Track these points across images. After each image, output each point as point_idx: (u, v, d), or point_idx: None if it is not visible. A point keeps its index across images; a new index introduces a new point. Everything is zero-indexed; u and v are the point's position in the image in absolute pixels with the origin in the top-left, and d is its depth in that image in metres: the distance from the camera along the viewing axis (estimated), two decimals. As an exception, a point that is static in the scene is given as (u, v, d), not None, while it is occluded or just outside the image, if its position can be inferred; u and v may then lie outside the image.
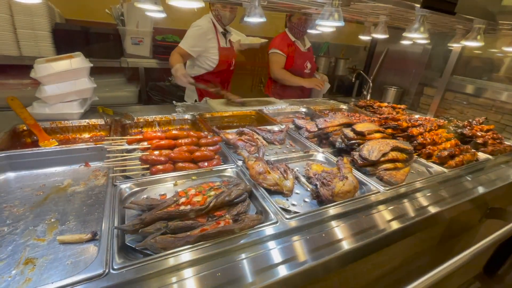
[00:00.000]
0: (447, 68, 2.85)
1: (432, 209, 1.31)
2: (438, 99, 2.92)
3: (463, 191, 1.51)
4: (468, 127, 2.09)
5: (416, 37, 1.54)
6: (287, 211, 1.14)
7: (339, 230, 1.08)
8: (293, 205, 1.20)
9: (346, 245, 1.01)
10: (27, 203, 1.14)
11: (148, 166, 1.30)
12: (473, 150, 1.83)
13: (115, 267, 0.78)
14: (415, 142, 1.80)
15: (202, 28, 2.60)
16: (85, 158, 1.47)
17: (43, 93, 1.75)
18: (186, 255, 0.85)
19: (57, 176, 1.36)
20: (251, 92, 5.51)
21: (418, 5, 1.18)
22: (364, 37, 2.46)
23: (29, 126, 1.63)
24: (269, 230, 0.99)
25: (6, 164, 1.32)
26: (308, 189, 1.31)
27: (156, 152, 1.32)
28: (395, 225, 1.17)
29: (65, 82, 1.81)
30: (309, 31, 2.42)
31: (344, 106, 2.90)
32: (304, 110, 2.63)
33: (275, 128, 1.99)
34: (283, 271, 0.87)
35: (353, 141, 1.64)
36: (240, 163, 1.44)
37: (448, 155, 1.67)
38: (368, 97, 3.23)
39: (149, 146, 1.36)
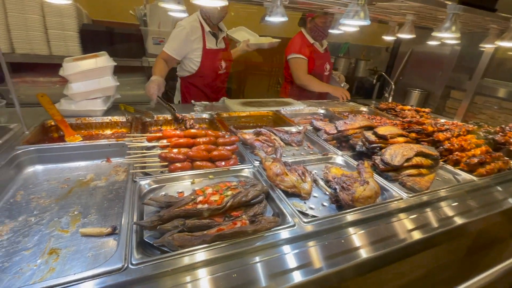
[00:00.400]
0: (477, 70, 2.69)
1: (459, 220, 1.23)
2: (467, 103, 2.75)
3: (494, 201, 1.41)
4: (500, 133, 1.96)
5: (447, 37, 1.45)
6: (304, 214, 1.11)
7: (358, 237, 1.04)
8: (311, 208, 1.17)
9: (365, 253, 0.97)
10: (53, 195, 1.19)
11: (166, 163, 1.31)
12: (505, 158, 1.71)
13: (133, 262, 0.79)
14: (441, 147, 1.70)
15: (185, 28, 2.38)
16: (107, 153, 1.52)
17: (70, 91, 1.82)
18: (202, 254, 0.85)
19: (80, 170, 1.41)
20: (268, 92, 5.49)
21: (450, 3, 1.11)
22: (388, 38, 2.37)
23: (56, 121, 1.70)
24: (286, 233, 0.97)
25: (35, 157, 1.39)
26: (327, 192, 1.28)
27: (175, 150, 1.34)
28: (418, 234, 1.11)
29: (90, 80, 1.88)
30: (331, 31, 2.36)
31: (364, 109, 2.81)
32: (322, 111, 2.58)
33: (293, 129, 1.96)
34: (298, 277, 0.85)
35: (375, 145, 1.58)
36: (257, 163, 1.43)
37: (478, 162, 1.57)
38: (390, 100, 3.12)
39: (168, 144, 1.38)
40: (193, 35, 2.42)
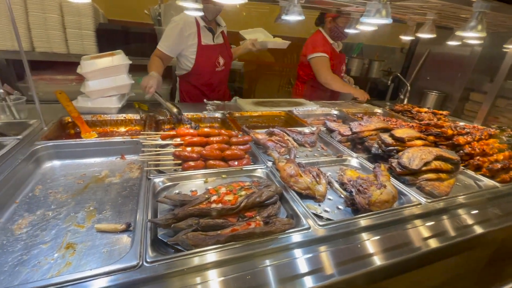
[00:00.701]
0: (500, 72, 2.57)
1: (481, 228, 1.17)
2: (488, 105, 2.64)
3: (519, 209, 1.34)
4: (524, 138, 1.87)
5: (471, 37, 1.39)
6: (319, 217, 1.09)
7: (373, 243, 1.00)
8: (326, 211, 1.14)
9: (380, 260, 0.94)
10: (70, 190, 1.21)
11: (180, 161, 1.32)
12: (531, 164, 1.62)
13: (148, 260, 0.78)
14: (461, 152, 1.64)
15: (178, 23, 2.27)
16: (121, 150, 1.54)
17: (87, 88, 1.86)
18: (216, 254, 0.84)
19: (96, 167, 1.43)
20: (278, 92, 5.47)
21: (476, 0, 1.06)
22: (406, 38, 2.30)
23: (73, 118, 1.74)
24: (300, 236, 0.95)
25: (53, 153, 1.42)
26: (342, 195, 1.25)
27: (189, 149, 1.34)
28: (437, 242, 1.06)
29: (106, 78, 1.91)
30: (347, 30, 2.30)
31: (378, 110, 2.75)
32: (335, 112, 2.53)
33: (306, 130, 1.93)
34: (309, 283, 0.82)
35: (392, 148, 1.53)
36: (270, 164, 1.41)
37: (501, 168, 1.50)
38: (405, 101, 3.03)
39: (182, 142, 1.38)
40: (187, 31, 2.30)
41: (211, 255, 0.84)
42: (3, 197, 1.09)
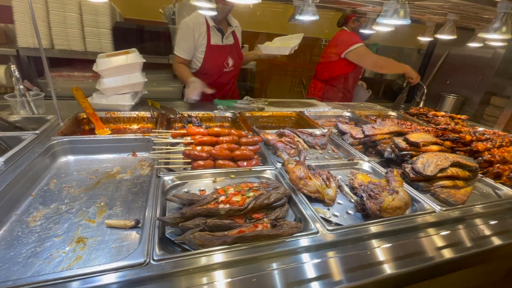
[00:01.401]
0: (524, 75, 2.45)
1: (499, 239, 1.12)
2: (510, 110, 2.52)
3: (541, 221, 1.26)
4: (549, 146, 1.77)
5: (495, 39, 1.32)
6: (328, 221, 1.07)
7: (383, 250, 0.97)
8: (335, 216, 1.12)
9: (389, 269, 0.91)
10: (82, 185, 1.24)
11: (190, 160, 1.32)
12: (556, 174, 1.53)
13: (155, 258, 0.79)
14: (480, 158, 1.57)
15: (188, 25, 2.29)
16: (133, 148, 1.57)
17: (102, 85, 1.90)
18: (222, 255, 0.84)
19: (108, 163, 1.46)
20: (290, 93, 5.42)
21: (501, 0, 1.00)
22: (424, 39, 2.22)
23: (88, 114, 1.78)
24: (308, 240, 0.93)
25: (68, 148, 1.46)
26: (352, 200, 1.22)
27: (199, 148, 1.34)
28: (451, 253, 1.02)
29: (120, 75, 1.95)
30: (362, 31, 2.25)
31: (393, 113, 2.68)
32: (348, 114, 2.49)
33: (317, 131, 1.90)
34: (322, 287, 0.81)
35: (405, 152, 1.49)
36: (279, 165, 1.40)
37: (523, 177, 1.43)
38: (421, 105, 2.94)
39: (192, 141, 1.39)
40: (197, 31, 2.31)
41: (218, 256, 0.83)
42: (20, 189, 1.13)
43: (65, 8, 2.84)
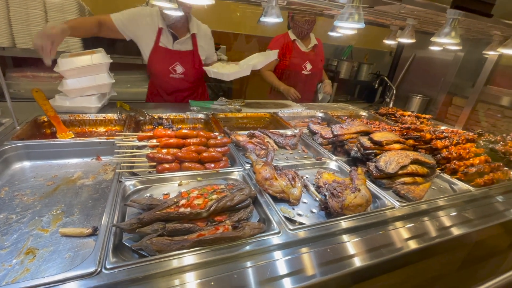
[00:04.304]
0: (480, 77, 2.63)
1: (454, 231, 1.19)
2: (469, 110, 2.70)
3: (492, 213, 1.36)
4: (501, 143, 1.91)
5: (446, 43, 1.41)
6: (291, 221, 1.08)
7: (346, 246, 1.00)
8: (299, 215, 1.14)
9: (352, 263, 0.94)
10: (38, 193, 1.18)
11: (155, 164, 1.29)
12: (505, 168, 1.66)
13: (107, 267, 0.76)
14: (438, 155, 1.66)
15: (144, 9, 2.18)
16: (97, 151, 1.50)
17: (65, 87, 1.81)
18: (181, 260, 0.82)
19: (69, 168, 1.39)
20: (270, 94, 5.45)
21: (448, 6, 1.07)
22: (389, 42, 2.33)
23: (49, 117, 1.69)
24: (270, 240, 0.94)
25: (23, 153, 1.37)
26: (317, 199, 1.25)
27: (164, 151, 1.31)
28: (409, 245, 1.07)
29: (85, 76, 1.86)
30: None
31: (364, 113, 2.77)
32: (321, 115, 2.54)
33: (288, 132, 1.93)
34: (282, 286, 0.82)
35: (370, 151, 1.54)
36: (248, 166, 1.40)
37: (476, 172, 1.53)
38: (391, 105, 3.07)
39: (158, 144, 1.36)
40: (147, 20, 2.16)
41: (177, 261, 0.82)
42: (-35, 199, 1.05)
43: (28, 4, 2.68)
